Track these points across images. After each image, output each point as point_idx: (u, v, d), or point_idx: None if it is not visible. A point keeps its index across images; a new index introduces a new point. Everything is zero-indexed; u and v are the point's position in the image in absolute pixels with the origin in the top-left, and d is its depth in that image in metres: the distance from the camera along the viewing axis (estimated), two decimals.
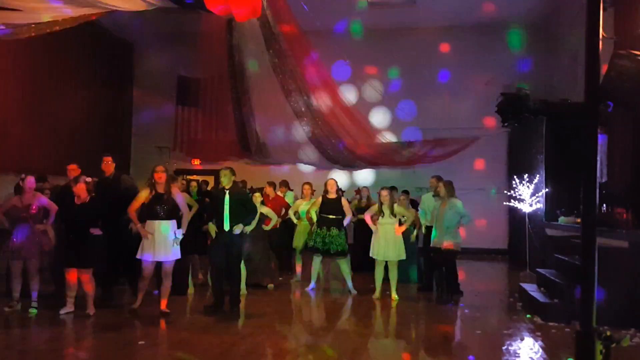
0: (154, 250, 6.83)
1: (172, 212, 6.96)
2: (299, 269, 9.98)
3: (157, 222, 6.88)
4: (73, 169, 7.99)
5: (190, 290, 8.60)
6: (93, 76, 14.33)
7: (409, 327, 7.16)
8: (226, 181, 7.34)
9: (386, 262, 8.55)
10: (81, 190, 6.90)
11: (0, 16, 7.22)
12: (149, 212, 6.92)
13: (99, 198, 7.10)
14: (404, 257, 8.53)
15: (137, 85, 16.25)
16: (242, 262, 8.06)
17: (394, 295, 8.45)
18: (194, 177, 15.87)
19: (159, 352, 5.63)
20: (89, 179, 7.31)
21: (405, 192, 11.53)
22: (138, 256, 6.88)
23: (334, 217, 8.71)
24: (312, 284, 8.97)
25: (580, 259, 2.13)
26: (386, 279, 8.62)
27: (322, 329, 6.95)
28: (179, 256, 7.07)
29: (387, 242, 8.44)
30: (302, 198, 9.95)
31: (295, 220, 9.86)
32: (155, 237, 6.83)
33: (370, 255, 8.61)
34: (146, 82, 15.87)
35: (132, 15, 10.23)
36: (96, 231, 6.88)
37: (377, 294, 8.53)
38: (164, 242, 6.88)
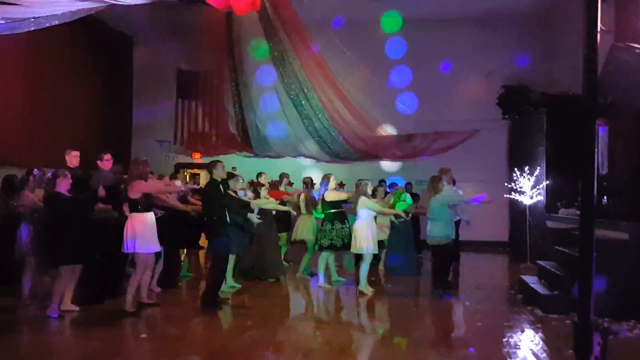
0: (155, 241, 6.84)
1: None
2: (305, 262, 9.91)
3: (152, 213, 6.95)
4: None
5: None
6: (93, 70, 14.30)
7: (409, 320, 7.17)
8: (224, 174, 7.37)
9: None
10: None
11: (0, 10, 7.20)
12: (151, 203, 6.94)
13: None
14: (362, 250, 8.44)
15: (137, 78, 16.20)
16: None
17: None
18: (195, 170, 15.95)
19: (160, 346, 5.66)
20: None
21: (409, 184, 11.54)
22: (146, 250, 6.75)
23: (335, 210, 8.72)
24: (321, 279, 8.80)
25: (579, 251, 2.14)
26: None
27: (322, 323, 6.95)
28: None
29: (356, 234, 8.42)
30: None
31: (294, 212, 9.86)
32: (153, 228, 6.85)
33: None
34: (146, 76, 15.82)
35: (131, 9, 10.19)
36: None
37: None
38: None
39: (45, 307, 6.58)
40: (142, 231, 6.69)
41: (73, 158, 7.72)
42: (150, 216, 6.84)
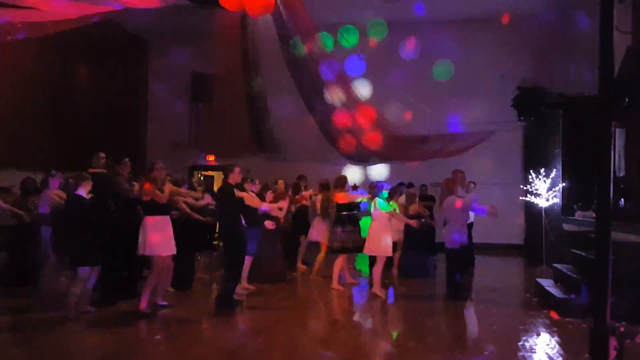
0: (170, 244, 6.87)
1: None
2: (319, 264, 9.89)
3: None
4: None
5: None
6: (108, 73, 14.42)
7: (423, 323, 7.13)
8: (238, 178, 7.39)
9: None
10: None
11: (17, 14, 7.29)
12: (168, 206, 7.00)
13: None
14: (376, 253, 8.41)
15: (152, 82, 16.33)
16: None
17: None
18: (209, 173, 16.03)
19: (174, 347, 5.68)
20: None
21: (423, 186, 11.50)
22: (161, 253, 6.79)
23: (347, 213, 8.70)
24: (335, 282, 8.79)
25: (595, 254, 2.11)
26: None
27: (336, 325, 6.95)
28: None
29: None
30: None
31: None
32: (168, 230, 6.88)
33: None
34: (161, 79, 15.94)
35: (146, 12, 10.27)
36: None
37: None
38: None
39: (62, 307, 6.65)
40: (157, 234, 6.74)
41: (100, 160, 7.81)
42: (165, 219, 6.88)
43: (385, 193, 8.52)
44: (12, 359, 5.30)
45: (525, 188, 11.04)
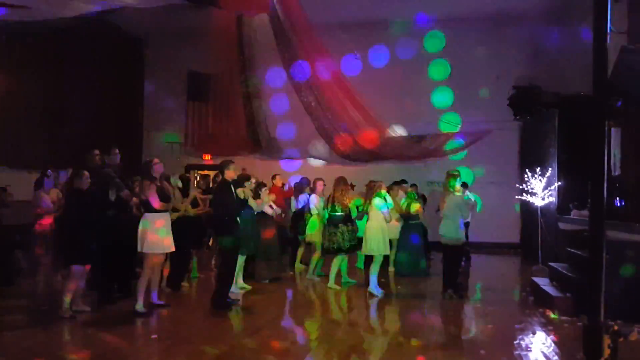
0: (164, 243, 6.85)
1: None
2: (314, 262, 9.87)
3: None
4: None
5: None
6: (104, 72, 14.37)
7: (419, 321, 7.14)
8: (234, 174, 7.38)
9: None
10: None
11: (11, 13, 7.27)
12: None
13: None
14: (373, 252, 8.42)
15: (148, 80, 16.30)
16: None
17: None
18: (205, 172, 15.99)
19: (170, 346, 5.67)
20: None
21: (414, 185, 11.49)
22: (153, 250, 6.78)
23: (341, 213, 8.69)
24: (331, 281, 8.81)
25: (588, 253, 2.11)
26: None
27: (331, 324, 6.93)
28: None
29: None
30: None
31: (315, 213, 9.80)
32: (165, 229, 6.87)
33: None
34: (157, 78, 15.91)
35: (142, 11, 10.25)
36: None
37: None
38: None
39: (58, 307, 6.62)
40: (153, 232, 6.73)
41: (94, 157, 7.77)
42: (164, 217, 6.87)
43: (383, 193, 8.52)
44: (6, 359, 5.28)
45: (521, 187, 11.04)
